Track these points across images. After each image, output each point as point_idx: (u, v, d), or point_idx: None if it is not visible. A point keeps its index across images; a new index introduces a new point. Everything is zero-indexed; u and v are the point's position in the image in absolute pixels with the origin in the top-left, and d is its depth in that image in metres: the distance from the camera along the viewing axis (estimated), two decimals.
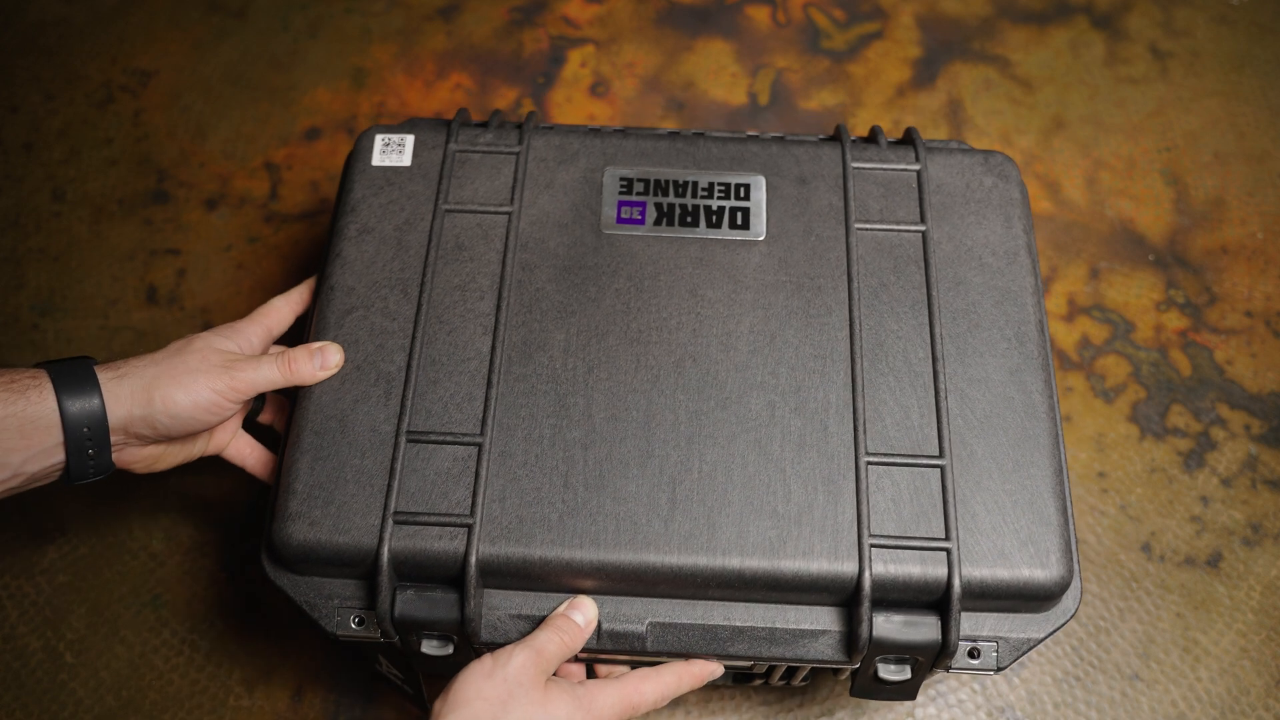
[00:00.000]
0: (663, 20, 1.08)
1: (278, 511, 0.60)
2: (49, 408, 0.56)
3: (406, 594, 0.59)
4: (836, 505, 0.59)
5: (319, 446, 0.61)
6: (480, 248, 0.67)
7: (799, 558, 0.58)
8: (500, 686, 0.53)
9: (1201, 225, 0.96)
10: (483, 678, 0.53)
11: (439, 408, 0.62)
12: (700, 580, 0.58)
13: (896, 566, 0.58)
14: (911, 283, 0.66)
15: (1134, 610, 0.79)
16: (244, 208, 0.97)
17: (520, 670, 0.54)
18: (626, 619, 0.60)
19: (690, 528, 0.59)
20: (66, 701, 0.76)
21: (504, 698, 0.53)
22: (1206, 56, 1.06)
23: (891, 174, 0.70)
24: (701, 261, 0.67)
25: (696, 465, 0.60)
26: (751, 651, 0.59)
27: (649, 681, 0.58)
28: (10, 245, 0.96)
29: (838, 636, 0.59)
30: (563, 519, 0.59)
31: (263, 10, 1.09)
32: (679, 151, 0.71)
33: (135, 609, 0.79)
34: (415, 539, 0.58)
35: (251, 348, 0.65)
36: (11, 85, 1.04)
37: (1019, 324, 0.65)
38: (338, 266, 0.67)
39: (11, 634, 0.78)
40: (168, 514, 0.83)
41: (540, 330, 0.64)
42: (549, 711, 0.53)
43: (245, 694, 0.76)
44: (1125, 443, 0.86)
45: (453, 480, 0.60)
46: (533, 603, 0.60)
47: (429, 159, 0.70)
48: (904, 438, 0.61)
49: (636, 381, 0.63)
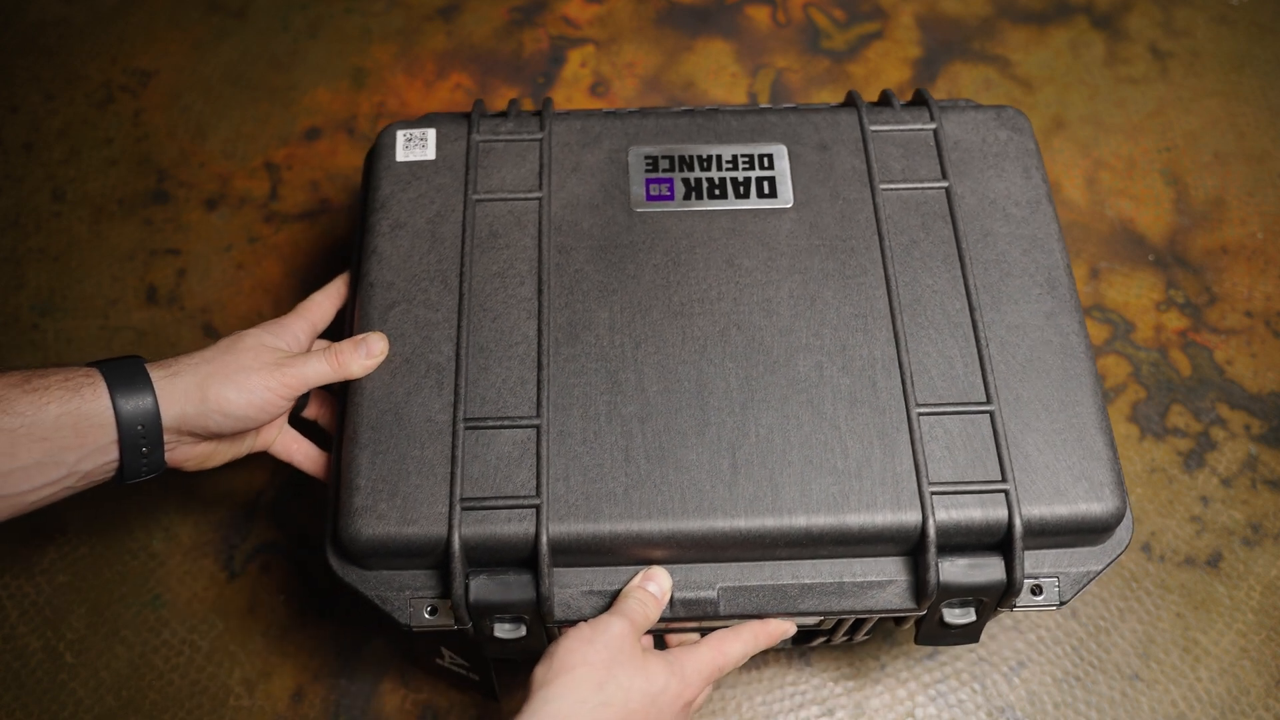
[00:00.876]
0: (663, 20, 1.09)
1: (342, 508, 0.60)
2: (103, 405, 0.56)
3: (479, 579, 0.60)
4: (893, 457, 0.61)
5: (377, 441, 0.61)
6: (515, 234, 0.68)
7: (863, 511, 0.59)
8: (603, 652, 0.54)
9: (1201, 225, 0.96)
10: (585, 643, 0.54)
11: (493, 393, 0.63)
12: (768, 541, 0.59)
13: (958, 511, 0.59)
14: (940, 237, 0.68)
15: (1134, 610, 0.80)
16: (244, 208, 0.97)
17: (620, 637, 0.55)
18: (697, 585, 0.61)
19: (754, 490, 0.60)
20: (66, 701, 0.76)
21: (608, 662, 0.53)
22: (1206, 56, 1.06)
23: (909, 134, 0.72)
24: (734, 232, 0.68)
25: (753, 429, 0.61)
26: (822, 606, 0.61)
27: (729, 641, 0.59)
28: (10, 245, 0.95)
29: (905, 585, 0.61)
30: (628, 492, 0.60)
31: (263, 10, 1.08)
32: (699, 127, 0.72)
33: (135, 609, 0.79)
34: (484, 524, 0.59)
35: (298, 344, 0.65)
36: (11, 85, 1.04)
37: (1049, 269, 0.66)
38: (375, 263, 0.67)
39: (11, 634, 0.78)
40: (168, 514, 0.83)
41: (584, 310, 0.65)
42: (648, 676, 0.54)
43: (245, 694, 0.76)
44: (1125, 443, 0.86)
45: (515, 463, 0.60)
46: (603, 578, 0.61)
47: (453, 151, 0.71)
48: (951, 387, 0.63)
49: (684, 353, 0.64)
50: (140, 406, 0.57)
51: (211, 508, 0.83)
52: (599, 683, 0.53)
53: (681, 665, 0.56)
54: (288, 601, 0.80)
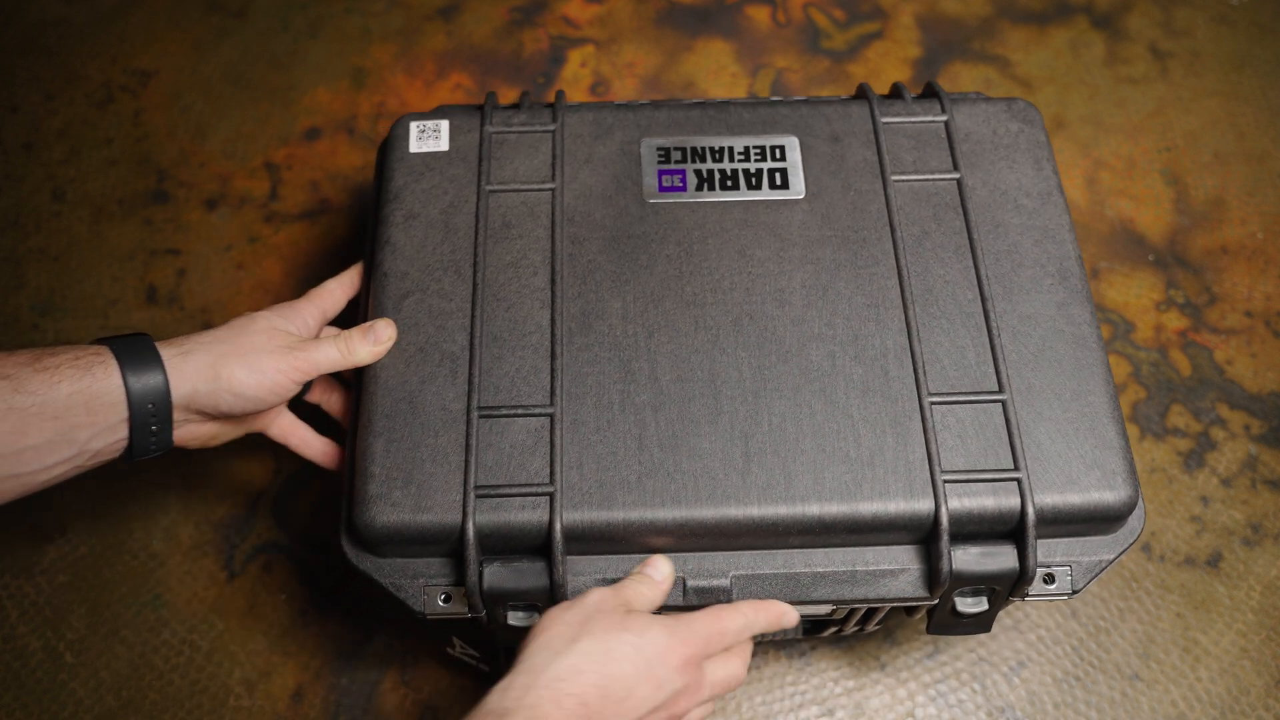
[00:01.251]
0: (663, 20, 1.09)
1: (357, 496, 0.60)
2: (115, 384, 0.56)
3: (493, 566, 0.60)
4: (906, 445, 0.61)
5: (391, 429, 0.61)
6: (528, 225, 0.68)
7: (876, 499, 0.59)
8: (579, 613, 0.54)
9: (1201, 225, 0.96)
10: (563, 609, 0.54)
11: (506, 382, 0.63)
12: (781, 529, 0.60)
13: (971, 500, 0.59)
14: (952, 228, 0.68)
15: (1134, 610, 0.79)
16: (244, 208, 0.97)
17: (599, 600, 0.55)
18: (710, 574, 0.61)
19: (767, 479, 0.60)
20: (66, 701, 0.76)
21: (583, 620, 0.53)
22: (1206, 56, 1.06)
23: (920, 126, 0.72)
24: (746, 223, 0.68)
25: (766, 418, 0.62)
26: (835, 594, 0.61)
27: (726, 610, 0.58)
28: (10, 245, 0.95)
29: (917, 573, 0.61)
30: (641, 480, 0.60)
31: (263, 10, 1.09)
32: (710, 119, 0.73)
33: (135, 609, 0.79)
34: (498, 511, 0.59)
35: (307, 329, 0.65)
36: (11, 85, 1.04)
37: (1060, 260, 0.67)
38: (388, 253, 0.67)
39: (11, 634, 0.78)
40: (168, 514, 0.83)
41: (597, 300, 0.65)
42: (636, 631, 0.53)
43: (245, 694, 0.76)
44: None
45: (528, 451, 0.61)
46: (616, 565, 0.61)
47: (465, 142, 0.71)
48: (963, 376, 0.63)
49: (697, 342, 0.64)
50: (151, 384, 0.57)
51: (212, 508, 0.83)
52: (572, 637, 0.52)
53: (675, 622, 0.55)
54: (288, 601, 0.79)
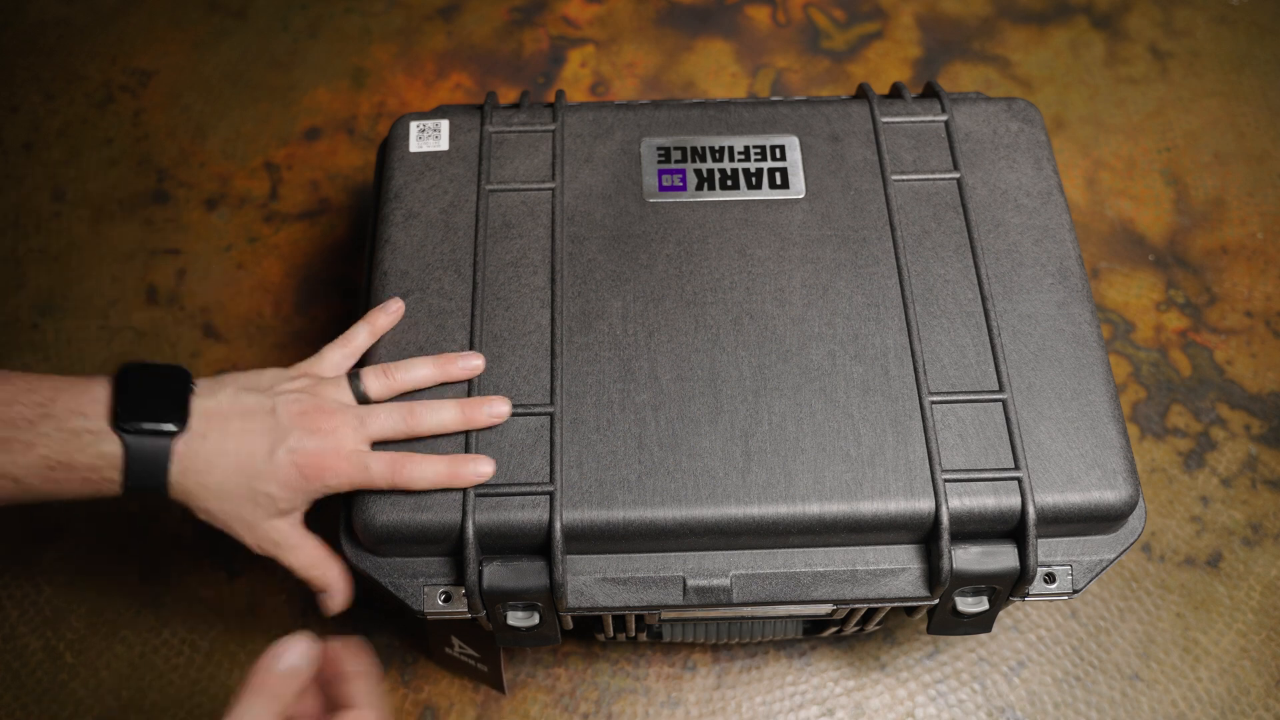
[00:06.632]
0: (663, 20, 1.09)
1: (356, 495, 0.60)
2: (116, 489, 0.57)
3: (493, 566, 0.60)
4: (906, 445, 0.61)
5: None
6: (528, 224, 0.68)
7: (876, 498, 0.59)
8: None
9: (1201, 225, 0.96)
10: None
11: (506, 381, 0.63)
12: (781, 528, 0.60)
13: (971, 499, 0.59)
14: (952, 228, 0.68)
15: (1134, 610, 0.79)
16: (244, 208, 0.97)
17: None
18: (711, 573, 0.61)
19: (767, 478, 0.60)
20: (66, 701, 0.75)
21: None
22: (1206, 56, 1.06)
23: (920, 125, 0.72)
24: (746, 222, 0.68)
25: (766, 417, 0.61)
26: (835, 594, 0.61)
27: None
28: (10, 245, 0.95)
29: (918, 573, 0.61)
30: (641, 479, 0.60)
31: (263, 10, 1.09)
32: (710, 119, 0.72)
33: (135, 609, 0.79)
34: (498, 510, 0.59)
35: None
36: (11, 85, 1.04)
37: (1060, 259, 0.67)
38: (388, 252, 0.67)
39: (11, 634, 0.78)
40: (168, 514, 0.82)
41: (597, 299, 0.65)
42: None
43: None
44: None
45: (528, 450, 0.61)
46: (616, 565, 0.61)
47: (465, 142, 0.71)
48: (963, 375, 0.63)
49: (697, 341, 0.64)
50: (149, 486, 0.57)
51: None
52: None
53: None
54: (288, 601, 0.79)
